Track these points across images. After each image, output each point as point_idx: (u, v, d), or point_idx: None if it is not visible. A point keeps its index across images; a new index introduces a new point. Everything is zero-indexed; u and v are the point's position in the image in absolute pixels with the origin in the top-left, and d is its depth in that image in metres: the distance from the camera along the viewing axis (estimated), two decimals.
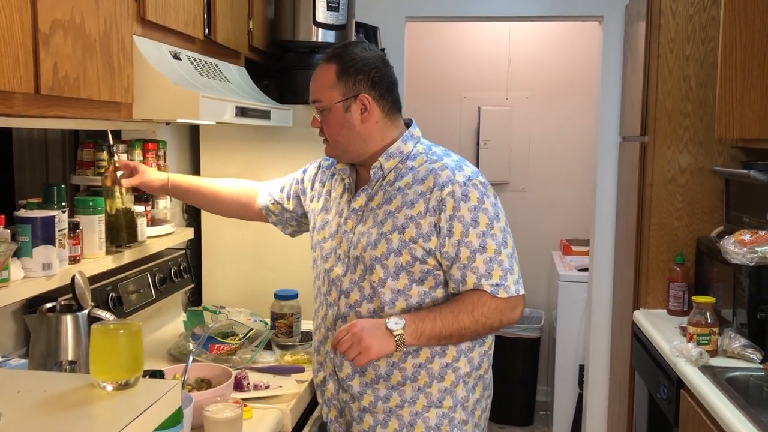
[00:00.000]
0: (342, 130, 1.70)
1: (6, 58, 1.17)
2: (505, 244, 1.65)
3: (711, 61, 2.71)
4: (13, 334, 1.75)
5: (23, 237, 1.63)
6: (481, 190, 1.65)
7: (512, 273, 1.64)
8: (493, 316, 1.62)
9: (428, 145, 1.77)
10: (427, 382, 1.68)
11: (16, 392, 1.06)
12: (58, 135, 2.32)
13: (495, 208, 1.66)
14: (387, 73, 1.71)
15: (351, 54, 1.69)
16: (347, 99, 1.67)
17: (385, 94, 1.70)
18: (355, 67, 1.67)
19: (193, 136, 2.68)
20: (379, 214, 1.69)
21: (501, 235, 1.65)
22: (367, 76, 1.67)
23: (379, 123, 1.71)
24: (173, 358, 2.11)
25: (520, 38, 4.53)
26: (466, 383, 1.71)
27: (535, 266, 4.57)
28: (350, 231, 1.73)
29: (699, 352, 2.19)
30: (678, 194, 2.83)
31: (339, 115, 1.69)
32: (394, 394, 1.68)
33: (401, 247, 1.64)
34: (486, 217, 1.63)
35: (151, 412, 1.01)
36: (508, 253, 1.65)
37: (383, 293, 1.66)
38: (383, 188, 1.71)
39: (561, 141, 4.56)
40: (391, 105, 1.72)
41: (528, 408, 4.30)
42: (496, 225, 1.64)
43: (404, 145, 1.72)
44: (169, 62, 1.76)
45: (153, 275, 2.24)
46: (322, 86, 1.70)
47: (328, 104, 1.69)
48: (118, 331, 1.09)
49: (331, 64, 1.69)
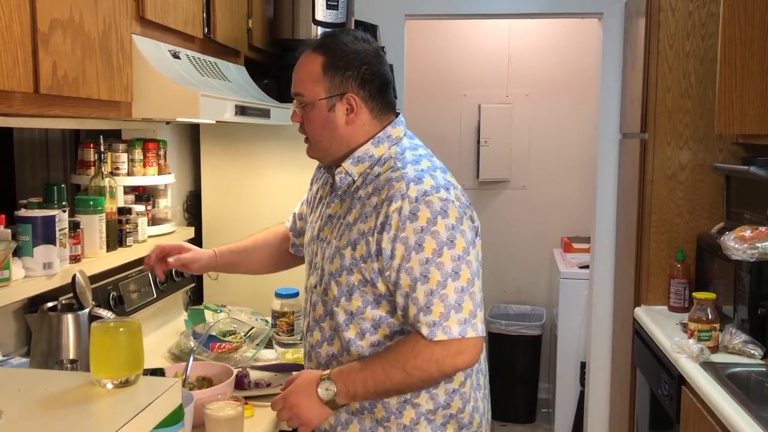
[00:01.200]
0: (324, 131, 1.53)
1: (5, 57, 1.17)
2: (456, 276, 1.40)
3: (711, 58, 2.71)
4: (15, 334, 1.75)
5: (24, 236, 1.63)
6: (435, 208, 1.41)
7: (459, 311, 1.40)
8: (429, 367, 1.41)
9: (404, 147, 1.54)
10: (384, 416, 1.50)
11: (17, 390, 1.06)
12: (58, 135, 2.32)
13: (451, 231, 1.41)
14: (380, 71, 1.52)
15: (341, 45, 1.50)
16: (332, 97, 1.49)
17: (376, 94, 1.52)
18: (344, 61, 1.49)
19: (194, 135, 2.68)
20: (342, 225, 1.53)
21: (451, 265, 1.40)
22: (357, 72, 1.49)
23: (366, 126, 1.52)
24: (174, 357, 2.12)
25: (520, 35, 4.52)
26: (431, 421, 1.50)
27: (536, 264, 4.58)
28: (323, 240, 1.58)
29: (700, 348, 2.19)
30: (678, 191, 2.83)
31: (322, 113, 1.51)
32: (354, 421, 1.52)
33: (352, 266, 1.47)
34: (434, 241, 1.40)
35: (152, 409, 1.02)
36: (458, 287, 1.40)
37: (338, 313, 1.51)
38: (350, 195, 1.54)
39: (561, 138, 4.56)
40: (382, 106, 1.54)
41: (530, 405, 4.30)
42: (446, 252, 1.40)
43: (375, 148, 1.52)
44: (169, 61, 1.76)
45: (154, 274, 2.25)
46: (305, 78, 1.52)
47: (310, 99, 1.51)
48: (118, 329, 1.10)
49: (317, 54, 1.51)
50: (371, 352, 1.50)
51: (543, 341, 4.34)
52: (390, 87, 1.57)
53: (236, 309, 2.40)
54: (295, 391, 1.47)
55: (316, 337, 1.58)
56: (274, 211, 2.56)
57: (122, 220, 2.06)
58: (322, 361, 1.57)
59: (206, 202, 2.62)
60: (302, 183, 2.54)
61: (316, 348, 1.58)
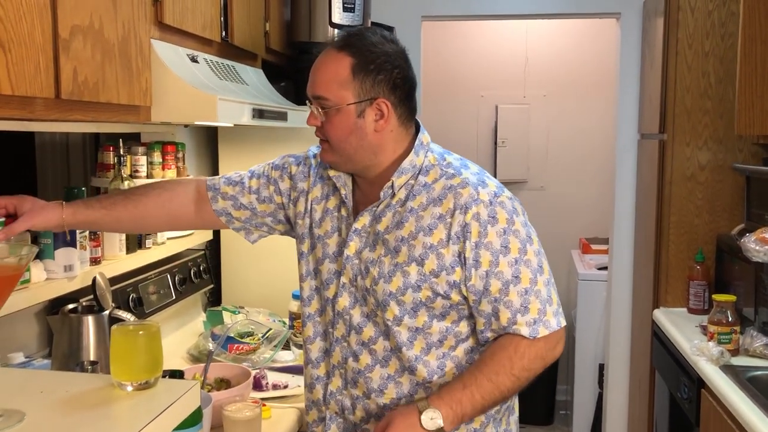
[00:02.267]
0: (350, 137, 1.41)
1: (27, 64, 1.18)
2: (541, 270, 1.41)
3: (731, 57, 2.68)
4: (37, 335, 1.78)
5: (45, 240, 1.65)
6: (509, 208, 1.41)
7: (551, 303, 1.41)
8: (536, 364, 1.39)
9: (440, 153, 1.49)
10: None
11: (39, 392, 1.08)
12: (78, 138, 2.35)
13: (526, 228, 1.42)
14: (409, 75, 1.44)
15: (370, 46, 1.40)
16: (362, 101, 1.39)
17: (405, 99, 1.44)
18: (375, 64, 1.39)
19: (212, 138, 2.70)
20: (390, 240, 1.42)
21: (536, 260, 1.41)
22: (389, 76, 1.40)
23: (394, 132, 1.44)
24: (193, 358, 2.13)
25: (538, 36, 4.51)
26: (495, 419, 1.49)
27: (554, 265, 4.48)
28: (354, 256, 1.46)
29: (720, 351, 2.17)
30: (698, 192, 2.80)
31: (349, 119, 1.40)
32: None
33: (420, 282, 1.39)
34: (518, 241, 1.39)
35: (171, 411, 1.03)
36: (545, 280, 1.41)
37: (399, 332, 1.42)
38: (392, 208, 1.44)
39: (579, 139, 4.54)
40: (409, 112, 1.46)
41: (548, 407, 4.28)
42: (529, 249, 1.40)
43: (416, 157, 1.45)
44: (187, 65, 1.77)
45: (173, 276, 2.27)
46: (330, 81, 1.40)
47: (336, 103, 1.40)
48: (138, 332, 1.11)
49: (344, 54, 1.39)
50: (438, 365, 1.44)
51: None
52: (415, 91, 1.49)
53: (254, 310, 2.42)
54: (395, 426, 1.32)
55: (365, 362, 1.46)
56: None
57: None
58: (375, 386, 1.45)
59: None
60: None
61: (366, 373, 1.46)
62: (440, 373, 1.44)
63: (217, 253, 2.67)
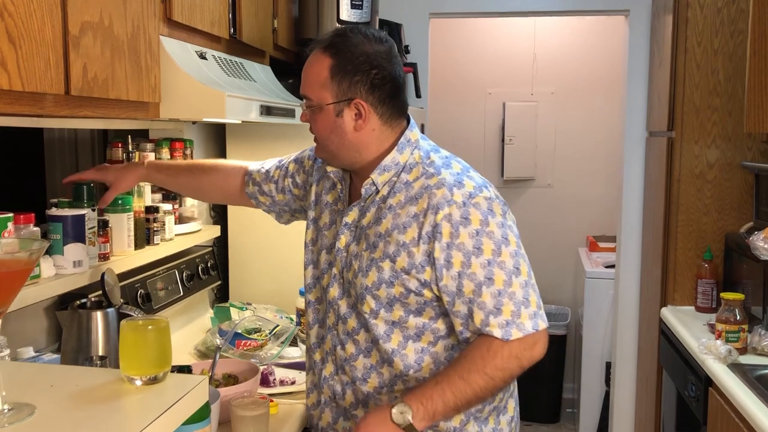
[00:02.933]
0: (331, 135, 1.47)
1: (37, 60, 1.19)
2: (517, 272, 1.40)
3: (740, 54, 2.67)
4: (46, 330, 1.79)
5: (54, 235, 1.66)
6: (483, 209, 1.40)
7: (527, 305, 1.40)
8: (509, 364, 1.39)
9: (426, 151, 1.50)
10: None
11: (49, 386, 1.09)
12: (87, 135, 2.36)
13: (503, 228, 1.40)
14: (391, 74, 1.45)
15: (350, 47, 1.43)
16: (340, 102, 1.44)
17: (386, 99, 1.45)
18: (353, 65, 1.42)
19: (220, 135, 2.71)
20: (370, 236, 1.47)
21: (511, 261, 1.40)
22: (366, 77, 1.42)
23: (376, 131, 1.46)
24: (201, 354, 2.14)
25: (545, 33, 4.50)
26: (477, 419, 1.50)
27: (561, 263, 4.55)
28: (343, 249, 1.52)
29: (728, 349, 2.16)
30: (706, 190, 2.79)
31: (329, 118, 1.45)
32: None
33: (393, 278, 1.43)
34: (491, 242, 1.38)
35: (179, 406, 1.03)
36: (522, 282, 1.40)
37: (376, 325, 1.46)
38: (375, 204, 1.48)
39: (587, 137, 4.53)
40: (393, 111, 1.47)
41: (554, 405, 4.28)
42: (504, 250, 1.39)
43: (400, 155, 1.47)
44: (195, 62, 1.78)
45: (181, 272, 2.28)
46: (313, 81, 1.46)
47: (317, 103, 1.46)
48: (147, 327, 1.11)
49: (326, 56, 1.44)
50: (416, 359, 1.46)
51: (568, 341, 4.32)
52: (402, 90, 1.49)
53: (261, 307, 2.42)
54: (366, 422, 1.38)
55: (350, 351, 1.51)
56: None
57: (150, 218, 2.09)
58: (359, 374, 1.51)
59: None
60: None
61: (351, 361, 1.52)
62: (416, 367, 1.47)
63: (224, 249, 2.68)
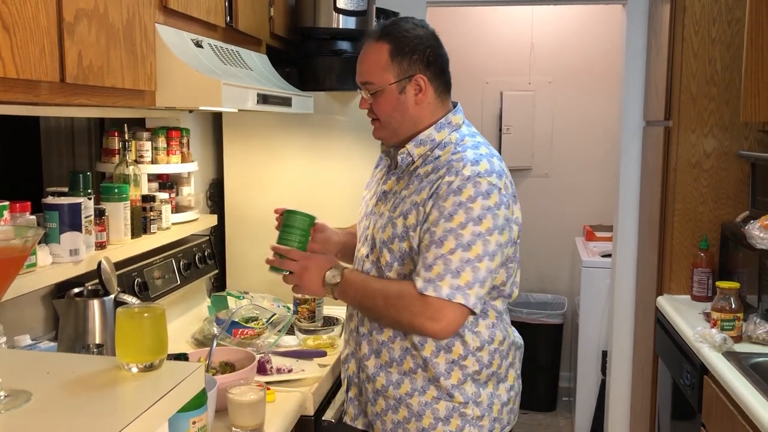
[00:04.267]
0: (394, 113, 1.63)
1: (32, 47, 1.19)
2: (467, 248, 1.49)
3: (737, 43, 2.66)
4: (43, 318, 1.79)
5: (51, 224, 1.66)
6: (481, 189, 1.51)
7: (455, 277, 1.49)
8: (403, 313, 1.54)
9: (464, 134, 1.65)
10: (435, 375, 1.61)
11: (46, 373, 1.09)
12: (83, 123, 2.35)
13: (484, 211, 1.50)
14: (441, 52, 1.65)
15: (403, 32, 1.61)
16: (402, 80, 1.60)
17: (439, 74, 1.64)
18: (409, 46, 1.60)
19: (216, 124, 2.71)
20: (393, 198, 1.65)
21: (469, 239, 1.49)
22: (422, 55, 1.61)
23: (432, 105, 1.64)
24: (198, 343, 2.15)
25: (543, 22, 4.48)
26: (476, 380, 1.63)
27: (558, 252, 4.56)
28: (375, 213, 1.70)
29: (723, 337, 2.17)
30: (703, 179, 2.79)
31: (392, 96, 1.61)
32: (405, 381, 1.63)
33: (404, 234, 1.58)
34: (464, 216, 1.50)
35: (175, 393, 1.04)
36: (464, 257, 1.49)
37: (391, 277, 1.62)
38: (408, 174, 1.66)
39: (584, 126, 4.52)
40: (443, 85, 1.66)
41: (551, 394, 4.30)
42: (469, 227, 1.49)
43: (437, 133, 1.64)
44: (192, 50, 1.77)
45: (178, 261, 2.28)
46: (373, 67, 1.62)
47: (380, 86, 1.61)
48: (143, 314, 1.12)
49: (382, 42, 1.61)
50: None
51: (564, 330, 4.33)
52: (448, 66, 1.68)
53: (258, 296, 2.43)
54: (310, 263, 1.65)
55: None
56: (295, 198, 2.58)
57: (146, 207, 2.09)
58: (377, 324, 1.67)
59: (229, 190, 2.65)
60: (324, 171, 2.56)
61: None
62: None
63: (221, 238, 2.68)
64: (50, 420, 0.94)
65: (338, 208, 2.56)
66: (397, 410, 1.64)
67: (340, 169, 2.54)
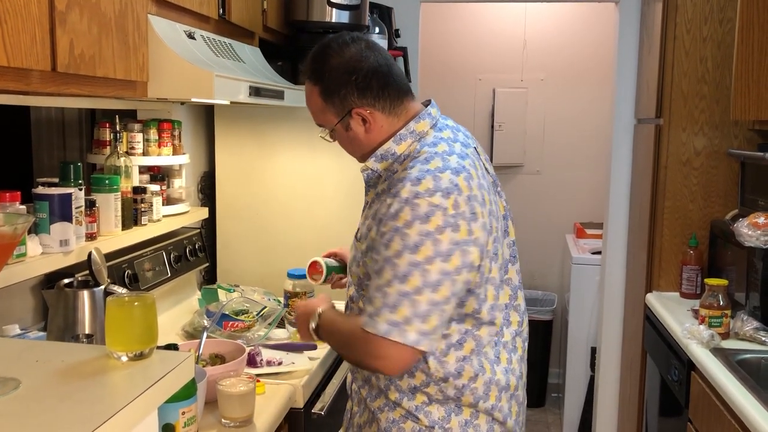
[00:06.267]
0: (353, 147, 1.55)
1: (23, 35, 1.18)
2: (403, 279, 1.35)
3: (729, 42, 2.68)
4: (32, 309, 1.79)
5: (41, 214, 1.66)
6: (419, 212, 1.35)
7: (393, 312, 1.35)
8: (353, 350, 1.45)
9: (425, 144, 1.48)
10: (398, 397, 1.50)
11: (35, 361, 1.09)
12: (74, 115, 2.34)
13: (422, 237, 1.34)
14: (372, 67, 1.46)
15: (327, 66, 1.47)
16: (343, 117, 1.49)
17: (379, 92, 1.47)
18: (335, 83, 1.46)
19: (208, 116, 2.70)
20: (361, 221, 1.57)
21: (404, 269, 1.34)
22: (351, 86, 1.45)
23: (385, 125, 1.49)
24: (188, 335, 2.15)
25: (536, 20, 4.50)
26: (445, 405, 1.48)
27: (548, 249, 4.57)
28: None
29: (710, 334, 2.19)
30: (693, 177, 2.81)
31: (343, 134, 1.52)
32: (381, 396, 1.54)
33: (360, 259, 1.50)
34: (401, 243, 1.35)
35: (165, 381, 1.04)
36: (401, 290, 1.35)
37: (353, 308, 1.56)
38: (376, 193, 1.54)
39: (576, 123, 4.54)
40: (392, 98, 1.49)
41: (540, 390, 4.32)
42: (405, 255, 1.35)
43: (396, 146, 1.49)
44: (184, 41, 1.77)
45: (168, 253, 2.27)
46: (316, 111, 1.53)
47: (329, 127, 1.53)
48: (133, 303, 1.12)
49: (312, 84, 1.51)
50: None
51: (554, 326, 4.35)
52: (389, 75, 1.49)
53: (249, 289, 2.43)
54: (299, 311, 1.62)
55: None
56: (287, 192, 2.59)
57: (137, 199, 2.08)
58: None
59: (220, 183, 2.64)
60: (315, 164, 2.56)
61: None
62: None
63: (212, 231, 2.67)
64: (39, 407, 0.94)
65: (329, 202, 2.56)
66: (371, 424, 1.56)
67: (332, 162, 2.54)
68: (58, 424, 0.89)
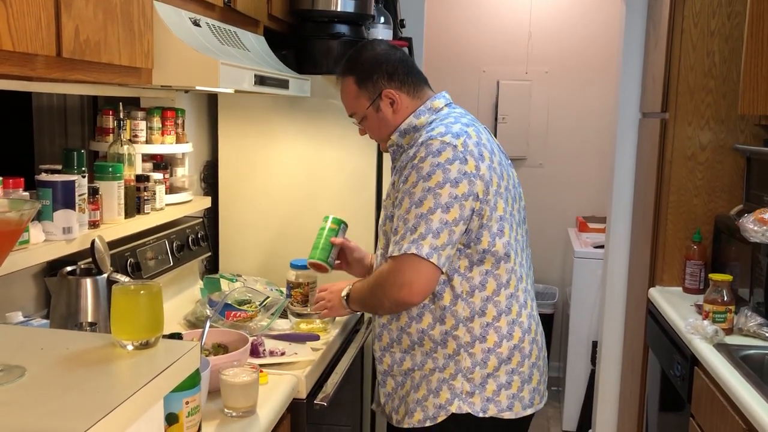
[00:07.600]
0: (383, 129, 1.80)
1: (29, 19, 1.17)
2: (419, 204, 1.60)
3: (736, 36, 2.66)
4: (35, 296, 1.78)
5: (44, 201, 1.64)
6: (432, 149, 1.62)
7: (413, 231, 1.59)
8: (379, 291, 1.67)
9: (442, 114, 1.76)
10: (432, 347, 1.71)
11: (40, 349, 1.08)
12: (77, 102, 2.33)
13: (433, 167, 1.60)
14: (399, 58, 1.79)
15: (359, 60, 1.79)
16: (375, 100, 1.77)
17: (405, 76, 1.78)
18: (368, 70, 1.77)
19: (212, 105, 2.68)
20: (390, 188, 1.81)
21: (419, 195, 1.60)
22: (382, 72, 1.76)
23: (409, 105, 1.78)
24: (190, 324, 2.14)
25: (541, 12, 4.47)
26: (471, 354, 1.69)
27: (550, 242, 4.56)
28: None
29: (714, 329, 2.18)
30: (698, 172, 2.80)
31: (373, 117, 1.79)
32: (407, 358, 1.75)
33: (391, 213, 1.72)
34: (416, 174, 1.62)
35: (171, 371, 1.03)
36: (418, 213, 1.60)
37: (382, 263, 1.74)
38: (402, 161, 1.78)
39: (580, 117, 4.52)
40: (414, 83, 1.79)
41: None
42: (420, 184, 1.60)
43: (416, 119, 1.77)
44: (189, 29, 1.75)
45: (171, 242, 2.26)
46: (350, 100, 1.82)
47: (362, 113, 1.80)
48: (139, 291, 1.10)
49: (347, 77, 1.80)
50: None
51: (555, 320, 4.35)
52: (412, 65, 1.81)
53: (251, 279, 2.42)
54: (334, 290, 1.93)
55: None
56: (290, 181, 2.57)
57: (140, 187, 2.07)
58: None
59: (223, 172, 2.63)
60: (318, 155, 2.54)
61: None
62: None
63: (215, 221, 2.66)
64: (45, 395, 0.93)
65: (332, 192, 2.55)
66: (403, 385, 1.77)
67: (336, 153, 2.52)
68: (65, 413, 0.88)
